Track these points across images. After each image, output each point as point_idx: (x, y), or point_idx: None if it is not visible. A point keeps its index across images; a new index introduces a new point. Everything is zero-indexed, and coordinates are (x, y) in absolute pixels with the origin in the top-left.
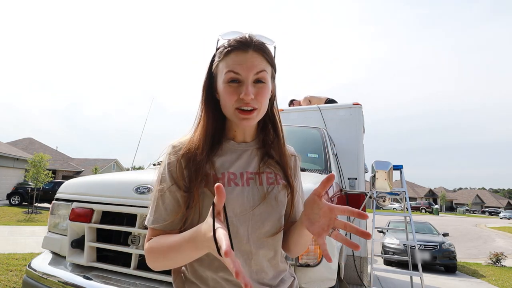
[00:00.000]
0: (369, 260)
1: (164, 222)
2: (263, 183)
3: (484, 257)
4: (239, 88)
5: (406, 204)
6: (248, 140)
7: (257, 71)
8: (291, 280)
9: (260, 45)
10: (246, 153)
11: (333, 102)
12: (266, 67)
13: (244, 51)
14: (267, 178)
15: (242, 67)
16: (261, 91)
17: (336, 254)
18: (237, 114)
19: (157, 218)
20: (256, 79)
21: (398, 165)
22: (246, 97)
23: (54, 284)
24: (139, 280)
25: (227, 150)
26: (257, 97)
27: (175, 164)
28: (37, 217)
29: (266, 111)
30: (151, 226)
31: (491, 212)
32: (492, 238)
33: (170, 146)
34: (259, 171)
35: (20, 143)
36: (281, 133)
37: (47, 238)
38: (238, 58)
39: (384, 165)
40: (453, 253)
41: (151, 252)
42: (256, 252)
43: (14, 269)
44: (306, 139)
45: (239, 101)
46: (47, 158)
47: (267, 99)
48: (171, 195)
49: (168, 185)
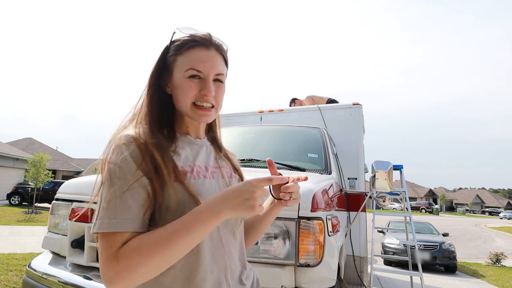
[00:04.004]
0: (369, 260)
1: (138, 221)
2: (224, 176)
3: (484, 257)
4: (200, 84)
5: (406, 204)
6: (201, 137)
7: (218, 71)
8: (252, 273)
9: (221, 45)
10: (203, 148)
11: (334, 102)
12: (224, 68)
13: (206, 48)
14: (226, 172)
15: (204, 65)
16: (220, 90)
17: (336, 254)
18: (194, 109)
19: (130, 218)
20: (215, 79)
21: (398, 165)
22: (209, 94)
23: (54, 284)
24: None
25: (186, 144)
26: (216, 96)
27: (138, 155)
28: (37, 217)
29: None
30: (121, 230)
31: (491, 212)
32: (492, 238)
33: (125, 137)
34: (218, 165)
35: (20, 143)
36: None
37: (47, 238)
38: (201, 55)
39: (384, 165)
40: (453, 253)
41: (139, 251)
42: (226, 244)
43: (14, 269)
44: (306, 139)
45: (198, 97)
46: (47, 158)
47: (223, 98)
48: (143, 190)
49: (136, 178)
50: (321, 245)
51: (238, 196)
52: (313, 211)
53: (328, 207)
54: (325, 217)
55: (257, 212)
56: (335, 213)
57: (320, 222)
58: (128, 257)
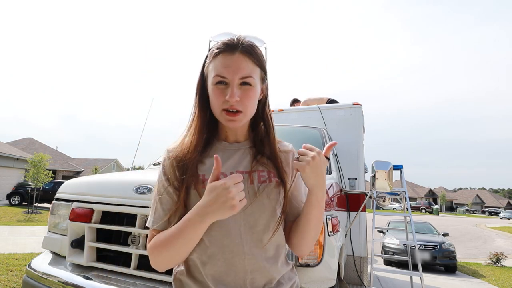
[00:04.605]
0: (369, 260)
1: (162, 221)
2: (254, 182)
3: (484, 257)
4: (226, 90)
5: (406, 204)
6: (240, 140)
7: (243, 75)
8: (290, 284)
9: (248, 47)
10: (238, 152)
11: (334, 103)
12: (253, 70)
13: (230, 53)
14: (259, 177)
15: (228, 70)
16: (247, 93)
17: (336, 254)
18: (224, 115)
19: (157, 219)
20: (242, 82)
21: (398, 165)
22: (230, 99)
23: (54, 284)
24: (139, 280)
25: (219, 150)
26: (242, 100)
27: (169, 167)
28: (37, 217)
29: (256, 112)
30: (152, 227)
31: (491, 212)
32: (492, 238)
33: (166, 150)
34: (251, 170)
35: (20, 143)
36: (272, 131)
37: (47, 238)
38: (225, 61)
39: (384, 165)
40: (453, 253)
41: (154, 248)
42: (250, 252)
43: (14, 269)
44: (306, 139)
45: (226, 103)
46: (47, 158)
47: (253, 101)
48: (169, 196)
49: (164, 187)
50: (321, 245)
51: (215, 202)
52: None
53: (328, 207)
54: (325, 217)
55: (240, 208)
56: (335, 213)
57: None
58: (149, 249)
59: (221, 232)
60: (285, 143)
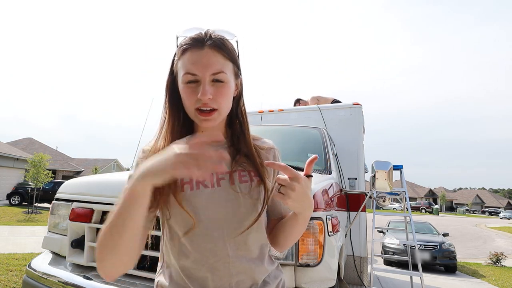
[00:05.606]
0: (369, 260)
1: None
2: (235, 182)
3: (484, 257)
4: (197, 88)
5: (406, 204)
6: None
7: (214, 70)
8: (276, 282)
9: (218, 41)
10: None
11: (338, 103)
12: (225, 65)
13: (199, 48)
14: (239, 176)
15: (197, 67)
16: (220, 90)
17: (336, 254)
18: (197, 115)
19: None
20: (214, 79)
21: (398, 165)
22: (203, 97)
23: (54, 284)
24: (139, 280)
25: None
26: (215, 97)
27: None
28: (37, 217)
29: (231, 109)
30: None
31: (491, 212)
32: (492, 238)
33: (141, 150)
34: (231, 170)
35: (20, 143)
36: (247, 128)
37: (47, 238)
38: (194, 57)
39: (384, 165)
40: (453, 253)
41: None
42: (234, 255)
43: (14, 269)
44: (306, 139)
45: (198, 101)
46: (47, 158)
47: (227, 98)
48: None
49: None
50: (321, 245)
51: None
52: (313, 211)
53: (328, 207)
54: (325, 217)
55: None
56: (335, 213)
57: (320, 222)
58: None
59: (203, 237)
60: (265, 140)
